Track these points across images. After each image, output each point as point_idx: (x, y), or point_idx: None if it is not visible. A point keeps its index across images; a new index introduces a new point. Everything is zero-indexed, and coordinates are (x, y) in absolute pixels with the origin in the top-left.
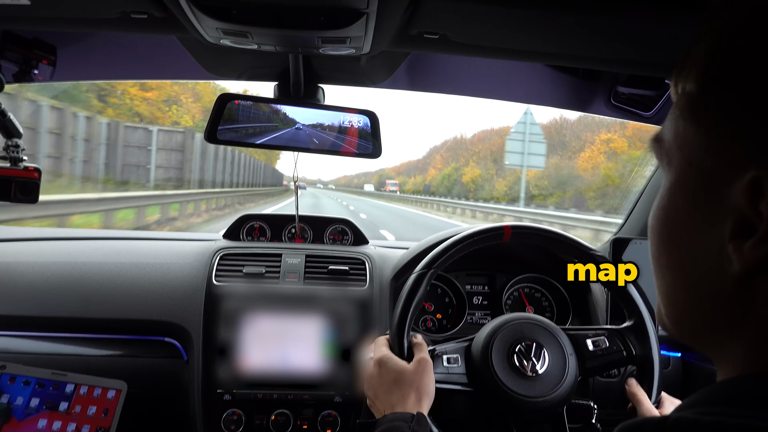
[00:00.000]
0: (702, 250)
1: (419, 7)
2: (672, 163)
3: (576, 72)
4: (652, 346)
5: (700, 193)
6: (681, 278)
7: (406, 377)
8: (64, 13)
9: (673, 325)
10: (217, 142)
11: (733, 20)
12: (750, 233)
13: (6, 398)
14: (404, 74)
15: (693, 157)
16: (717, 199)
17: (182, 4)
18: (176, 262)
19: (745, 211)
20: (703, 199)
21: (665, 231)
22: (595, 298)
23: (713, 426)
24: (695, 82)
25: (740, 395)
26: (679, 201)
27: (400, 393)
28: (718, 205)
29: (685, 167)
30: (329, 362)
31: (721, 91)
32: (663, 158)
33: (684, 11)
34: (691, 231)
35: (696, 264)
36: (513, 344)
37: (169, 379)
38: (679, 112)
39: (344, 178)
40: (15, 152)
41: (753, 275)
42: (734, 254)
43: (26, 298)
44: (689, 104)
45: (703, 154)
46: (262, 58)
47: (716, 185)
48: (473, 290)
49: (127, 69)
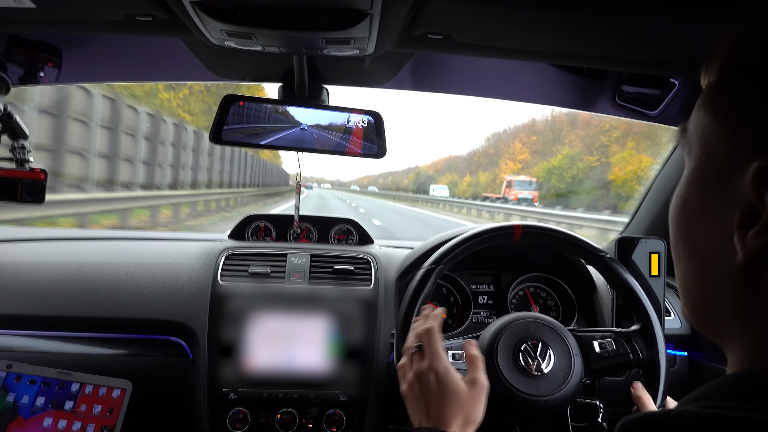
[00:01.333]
0: (712, 239)
1: (423, 8)
2: (692, 153)
3: (581, 71)
4: (660, 350)
5: (714, 182)
6: (695, 266)
7: (460, 398)
8: (68, 15)
9: (690, 312)
10: (222, 143)
11: (754, 14)
12: (756, 222)
13: (12, 397)
14: (408, 74)
15: (710, 146)
16: (729, 188)
17: (186, 7)
18: (182, 262)
19: (751, 200)
20: (716, 189)
21: (682, 219)
22: (601, 299)
23: (716, 419)
24: (717, 73)
25: (744, 389)
26: (696, 190)
27: (448, 412)
28: (729, 195)
29: (703, 157)
30: (334, 361)
31: (739, 81)
32: (686, 147)
33: (690, 8)
34: (704, 219)
35: (707, 252)
36: (519, 342)
37: (174, 378)
38: (702, 103)
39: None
40: (21, 154)
41: (757, 265)
42: (739, 243)
43: (32, 298)
44: (710, 95)
45: (718, 144)
46: (266, 60)
47: (729, 174)
48: (478, 289)
49: (131, 71)
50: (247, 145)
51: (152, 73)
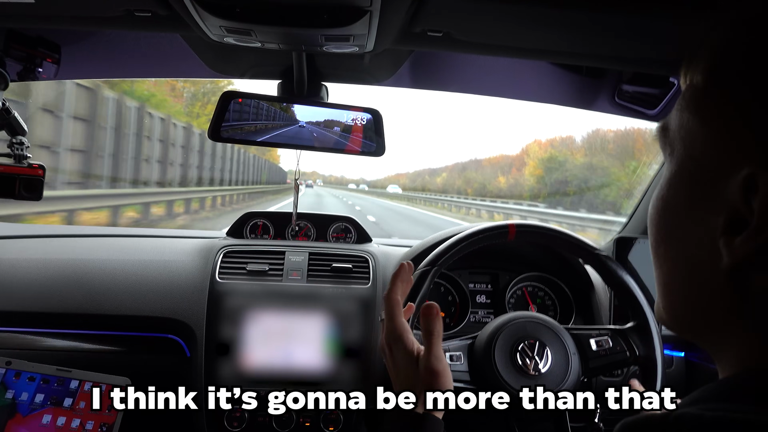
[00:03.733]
0: (696, 243)
1: (423, 5)
2: (674, 154)
3: (580, 70)
4: (656, 347)
5: (698, 185)
6: (677, 270)
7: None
8: (68, 11)
9: (669, 317)
10: (220, 140)
11: (743, 16)
12: (741, 228)
13: (11, 394)
14: (408, 72)
15: (694, 149)
16: (714, 192)
17: (185, 2)
18: (180, 259)
19: (738, 207)
20: (701, 192)
21: (663, 221)
22: (599, 298)
23: (716, 421)
24: (703, 74)
25: (742, 391)
26: (678, 192)
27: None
28: (714, 199)
29: (686, 159)
30: (332, 360)
31: (726, 85)
32: (666, 148)
33: (690, 7)
34: (687, 223)
35: (690, 256)
36: (516, 342)
37: (172, 376)
38: (685, 104)
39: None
40: (19, 149)
41: (744, 271)
42: (725, 249)
43: (31, 295)
44: (695, 96)
45: (704, 147)
46: (265, 56)
47: (714, 179)
48: (476, 289)
49: (130, 67)
50: (245, 142)
51: (151, 69)
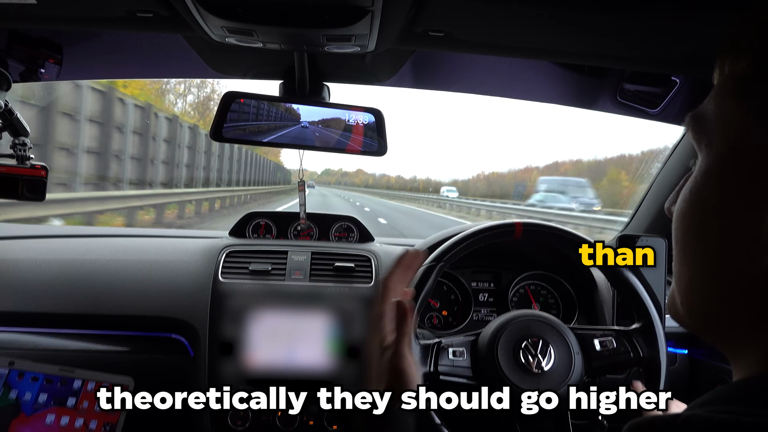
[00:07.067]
0: (734, 240)
1: (424, 5)
2: (712, 145)
3: (582, 69)
4: (660, 349)
5: (740, 179)
6: (705, 267)
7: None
8: (70, 12)
9: (689, 316)
10: (223, 140)
11: None
12: None
13: (15, 394)
14: (409, 72)
15: (738, 140)
16: (759, 186)
17: (187, 3)
18: (183, 259)
19: None
20: (744, 186)
21: (696, 216)
22: (602, 297)
23: (725, 424)
24: (749, 63)
25: (755, 394)
26: (716, 185)
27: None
28: (758, 194)
29: (728, 151)
30: (335, 359)
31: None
32: (702, 139)
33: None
34: (724, 218)
35: (725, 254)
36: (519, 340)
37: (175, 375)
38: (728, 93)
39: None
40: (22, 150)
41: None
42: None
43: (34, 295)
44: (740, 86)
45: (749, 139)
46: (267, 57)
47: (760, 172)
48: (479, 287)
49: (132, 68)
50: (247, 143)
51: (153, 70)
